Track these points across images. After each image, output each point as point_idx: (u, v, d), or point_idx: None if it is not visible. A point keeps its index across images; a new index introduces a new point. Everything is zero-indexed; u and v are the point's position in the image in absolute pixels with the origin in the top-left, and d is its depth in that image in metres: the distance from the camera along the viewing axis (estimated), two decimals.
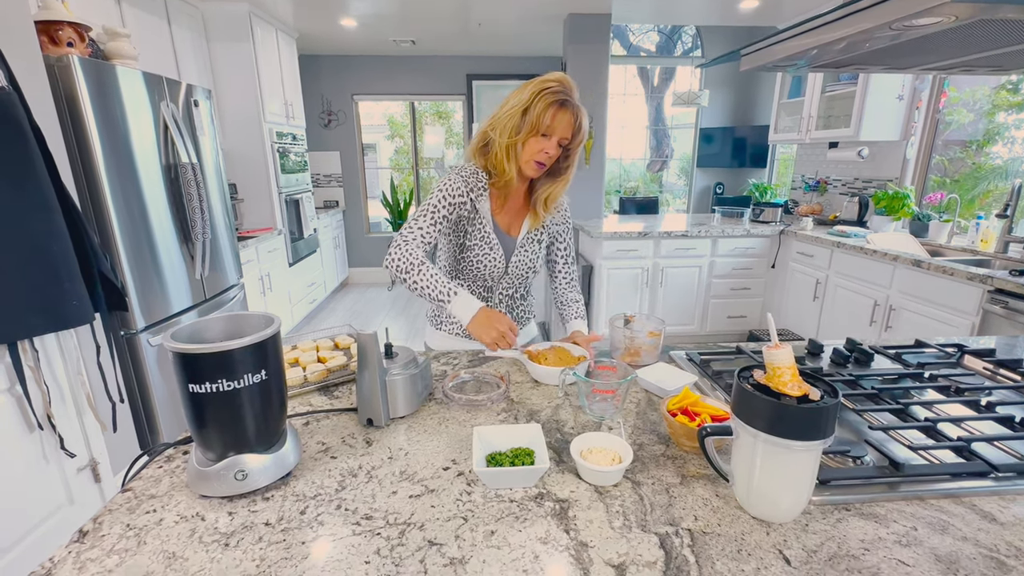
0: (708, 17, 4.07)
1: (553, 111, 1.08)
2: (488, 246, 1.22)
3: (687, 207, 5.46)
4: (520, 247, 1.25)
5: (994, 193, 2.90)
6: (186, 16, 3.02)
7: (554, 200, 1.22)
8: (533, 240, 1.27)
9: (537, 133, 1.10)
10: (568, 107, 1.08)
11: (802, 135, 3.56)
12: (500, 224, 1.23)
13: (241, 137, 3.48)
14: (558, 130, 1.09)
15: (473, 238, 1.21)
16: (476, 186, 1.17)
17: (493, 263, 1.23)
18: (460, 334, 1.31)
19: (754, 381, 0.64)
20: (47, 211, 1.42)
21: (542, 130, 1.09)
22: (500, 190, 1.19)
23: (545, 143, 1.10)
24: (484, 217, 1.20)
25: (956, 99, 3.01)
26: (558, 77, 1.09)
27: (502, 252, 1.23)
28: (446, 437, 0.84)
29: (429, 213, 1.15)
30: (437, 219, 1.15)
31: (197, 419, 0.67)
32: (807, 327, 3.18)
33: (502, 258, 1.23)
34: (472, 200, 1.18)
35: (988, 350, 1.16)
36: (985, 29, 0.75)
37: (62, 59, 1.71)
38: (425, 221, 1.15)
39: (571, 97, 1.09)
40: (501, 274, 1.25)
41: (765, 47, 1.11)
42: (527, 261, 1.27)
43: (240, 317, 0.75)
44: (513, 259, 1.25)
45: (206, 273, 2.42)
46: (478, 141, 1.18)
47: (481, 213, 1.20)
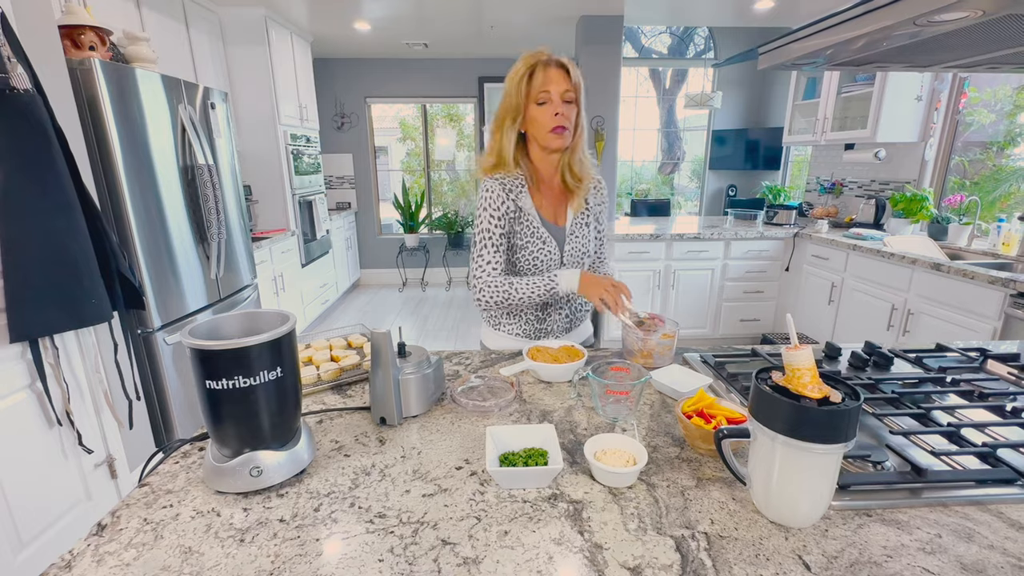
0: (722, 18, 4.04)
1: (540, 75, 1.07)
2: (540, 240, 1.20)
3: (699, 209, 5.42)
4: (571, 234, 1.23)
5: (1015, 195, 2.84)
6: (204, 20, 3.07)
7: (577, 164, 1.19)
8: (582, 224, 1.24)
9: (535, 103, 1.09)
10: (551, 64, 1.08)
11: (817, 136, 3.51)
12: (546, 216, 1.21)
13: (256, 139, 3.53)
14: (553, 88, 1.07)
15: (523, 236, 1.19)
16: (514, 185, 1.17)
17: (548, 256, 1.21)
18: (520, 335, 1.29)
19: (773, 383, 0.63)
20: (68, 211, 1.45)
21: (537, 98, 1.08)
22: (536, 183, 1.19)
23: (548, 108, 1.09)
24: (529, 213, 1.18)
25: (976, 99, 2.95)
26: (528, 53, 1.10)
27: (555, 243, 1.21)
28: (459, 436, 0.84)
29: (488, 240, 1.16)
30: (495, 241, 1.16)
31: (213, 415, 0.68)
32: (822, 331, 3.13)
33: (556, 249, 1.22)
34: (514, 200, 1.17)
35: (1012, 355, 1.13)
36: (1013, 24, 0.73)
37: (84, 62, 1.75)
38: (488, 251, 1.16)
39: (550, 57, 1.08)
40: (557, 266, 1.23)
41: (783, 45, 1.10)
42: (580, 247, 1.25)
43: (256, 315, 0.75)
44: (567, 248, 1.23)
45: (221, 273, 2.45)
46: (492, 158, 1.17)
47: (525, 210, 1.18)
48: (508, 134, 1.14)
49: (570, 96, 1.09)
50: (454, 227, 5.48)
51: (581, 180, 1.20)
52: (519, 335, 1.29)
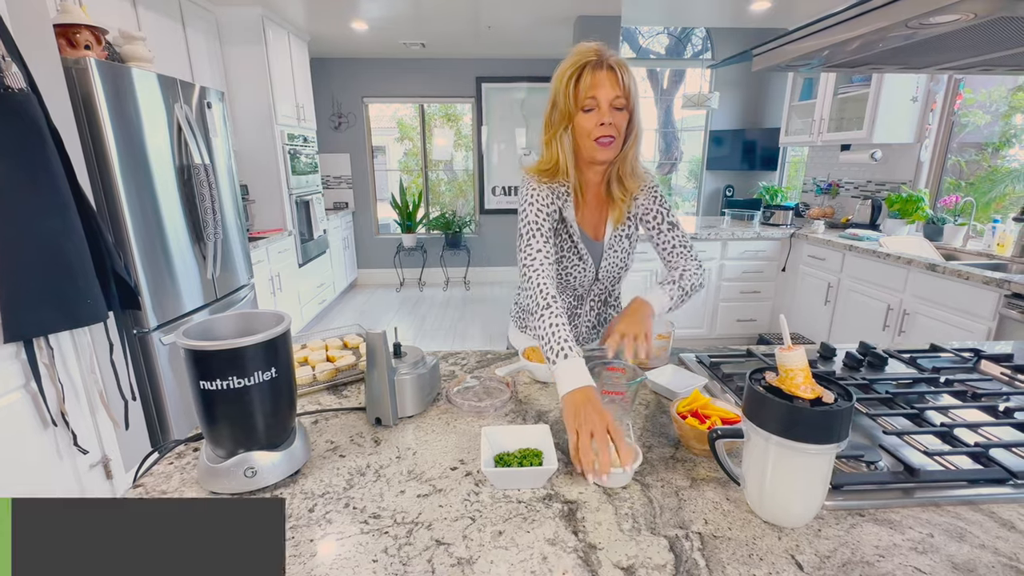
0: (719, 19, 4.05)
1: (588, 77, 0.96)
2: (577, 256, 1.13)
3: (697, 210, 5.42)
4: (608, 248, 1.15)
5: (1011, 196, 2.85)
6: (200, 19, 3.06)
7: (628, 175, 1.07)
8: (622, 237, 1.16)
9: (580, 110, 0.98)
10: (601, 67, 0.96)
11: (814, 137, 3.52)
12: (587, 230, 1.14)
13: (253, 139, 3.52)
14: (601, 94, 0.96)
15: (561, 249, 1.13)
16: (560, 192, 1.08)
17: (583, 273, 1.15)
18: None
19: (766, 383, 0.64)
20: (63, 210, 1.44)
21: (583, 104, 0.97)
22: (581, 194, 1.11)
23: (594, 116, 0.98)
24: (571, 226, 1.11)
25: (971, 100, 2.97)
26: (579, 48, 0.98)
27: (591, 260, 1.15)
28: (454, 437, 0.84)
29: (536, 231, 1.03)
30: (545, 232, 1.04)
31: (208, 416, 0.68)
32: (818, 331, 3.14)
33: (592, 266, 1.15)
34: (560, 208, 1.09)
35: (1006, 355, 1.14)
36: (1006, 26, 0.73)
37: (79, 61, 1.74)
38: (538, 240, 1.02)
39: (600, 56, 0.96)
40: (592, 282, 1.18)
41: (778, 46, 1.10)
42: (617, 262, 1.17)
43: (251, 315, 0.75)
44: (603, 264, 1.16)
45: (217, 273, 2.44)
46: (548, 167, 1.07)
47: (568, 222, 1.10)
48: (564, 143, 1.03)
49: (620, 103, 0.97)
50: (452, 227, 5.47)
51: (629, 192, 1.10)
52: None
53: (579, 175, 1.09)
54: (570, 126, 1.01)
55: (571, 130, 1.02)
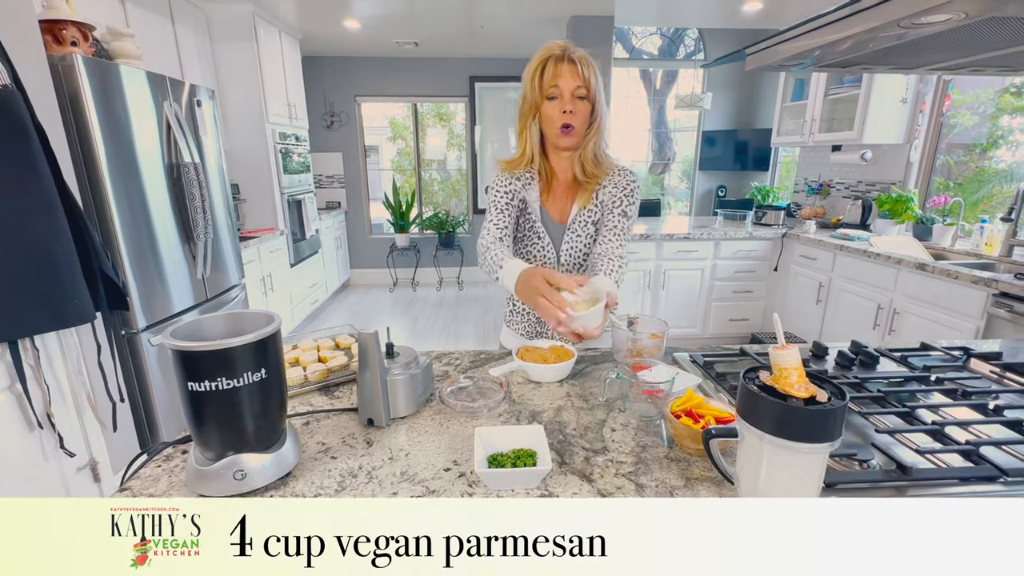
0: (711, 20, 4.07)
1: (551, 69, 1.06)
2: (536, 236, 1.21)
3: (689, 210, 5.45)
4: (570, 230, 1.20)
5: (998, 196, 2.88)
6: (190, 16, 3.03)
7: (591, 161, 1.14)
8: (586, 222, 1.20)
9: (545, 98, 1.08)
10: (563, 60, 1.06)
11: (805, 138, 3.55)
12: (550, 212, 1.21)
13: (244, 137, 3.49)
14: (563, 83, 1.06)
15: (523, 229, 1.21)
16: (523, 175, 1.18)
17: (542, 252, 1.22)
18: (521, 333, 1.30)
19: (760, 382, 0.64)
20: (49, 210, 1.42)
21: (547, 93, 1.07)
22: (547, 180, 1.19)
23: (558, 104, 1.07)
24: (532, 206, 1.19)
25: (960, 102, 3.00)
26: (546, 45, 1.08)
27: (549, 240, 1.21)
28: (447, 438, 0.83)
29: (492, 207, 1.17)
30: (500, 207, 1.16)
31: (196, 418, 0.67)
32: (810, 330, 3.17)
33: (550, 246, 1.21)
34: (521, 189, 1.18)
35: (995, 353, 1.15)
36: (995, 27, 0.74)
37: (66, 58, 1.71)
38: (492, 213, 1.16)
39: (564, 50, 1.06)
40: (554, 264, 1.23)
41: (771, 46, 1.11)
42: (580, 245, 1.21)
43: (241, 315, 0.74)
44: (564, 246, 1.21)
45: (207, 273, 2.42)
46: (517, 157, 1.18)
47: (529, 202, 1.19)
48: (532, 133, 1.13)
49: (581, 92, 1.07)
50: (445, 227, 5.46)
51: (594, 177, 1.16)
52: (522, 335, 1.30)
53: (548, 162, 1.18)
54: (537, 115, 1.11)
55: (538, 119, 1.11)
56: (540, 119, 1.11)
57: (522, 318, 1.30)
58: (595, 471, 0.74)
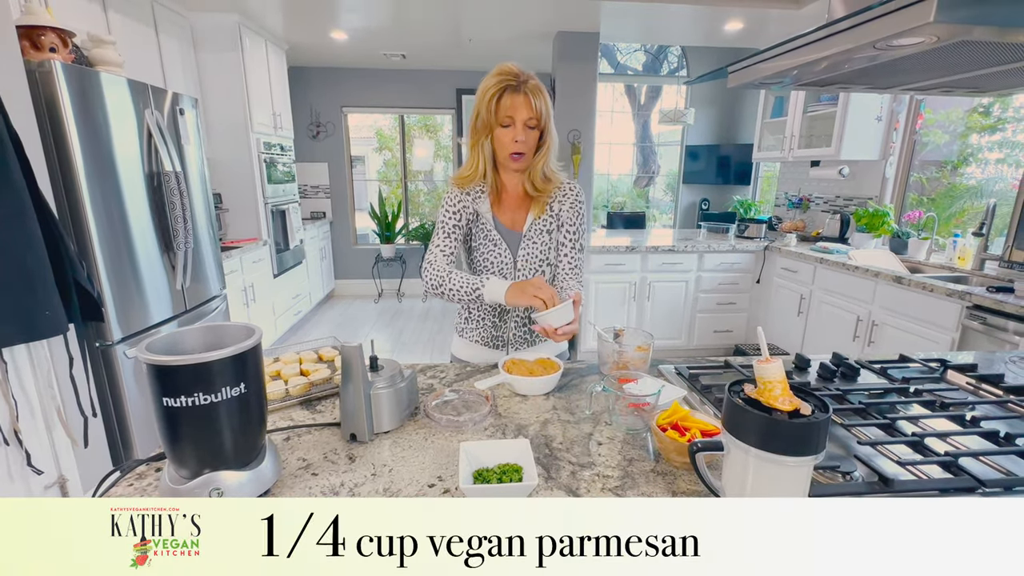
0: (693, 38, 4.17)
1: (508, 99, 1.10)
2: (491, 242, 1.23)
3: (673, 222, 5.52)
4: (526, 238, 1.24)
5: (969, 212, 2.98)
6: (174, 25, 3.00)
7: (539, 178, 1.20)
8: (542, 231, 1.25)
9: (499, 125, 1.13)
10: (518, 91, 1.10)
11: (785, 153, 3.63)
12: (503, 221, 1.24)
13: (228, 147, 3.45)
14: (517, 115, 1.11)
15: (478, 239, 1.24)
16: (472, 190, 1.22)
17: (499, 259, 1.24)
18: (479, 342, 1.30)
19: (745, 396, 0.64)
20: (22, 218, 1.38)
21: (502, 121, 1.12)
22: (498, 192, 1.24)
23: (511, 131, 1.12)
24: (484, 216, 1.23)
25: (932, 120, 3.11)
26: (501, 68, 1.11)
27: (506, 246, 1.24)
28: (432, 453, 0.82)
29: (440, 229, 1.21)
30: (448, 230, 1.21)
31: (171, 434, 0.65)
32: (792, 342, 3.21)
33: (507, 253, 1.24)
34: (471, 203, 1.22)
35: (970, 365, 1.17)
36: (965, 51, 0.77)
37: (43, 64, 1.68)
38: (439, 237, 1.21)
39: (519, 81, 1.10)
40: (511, 270, 1.25)
41: (752, 65, 1.13)
42: (536, 252, 1.25)
43: (220, 328, 0.72)
44: (520, 252, 1.24)
45: (187, 283, 2.37)
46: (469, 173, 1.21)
47: (481, 213, 1.23)
48: (485, 149, 1.18)
49: (533, 123, 1.13)
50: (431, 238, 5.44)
51: (544, 191, 1.23)
52: (477, 342, 1.31)
53: (499, 177, 1.24)
54: (491, 136, 1.16)
55: (491, 139, 1.16)
56: (492, 139, 1.16)
57: (477, 326, 1.31)
58: (581, 486, 0.73)
